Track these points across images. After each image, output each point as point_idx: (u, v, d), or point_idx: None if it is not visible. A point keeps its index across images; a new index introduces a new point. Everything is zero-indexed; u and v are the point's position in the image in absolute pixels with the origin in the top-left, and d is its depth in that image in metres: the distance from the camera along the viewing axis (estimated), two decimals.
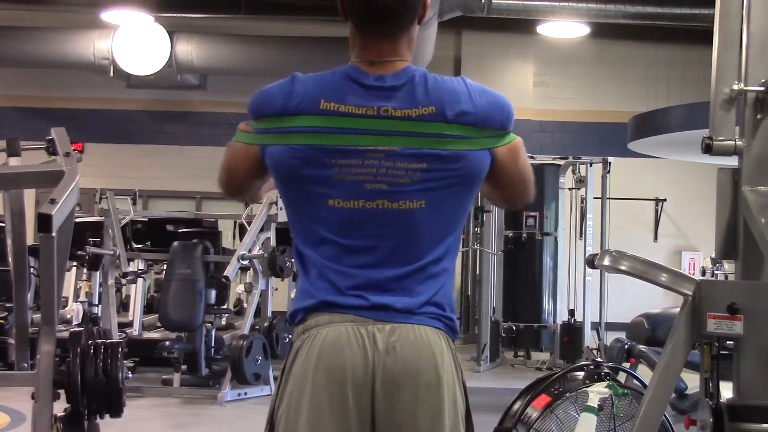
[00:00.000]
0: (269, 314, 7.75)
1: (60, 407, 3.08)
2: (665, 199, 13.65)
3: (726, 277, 10.50)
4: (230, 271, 7.24)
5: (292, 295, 8.53)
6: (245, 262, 7.50)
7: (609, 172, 9.67)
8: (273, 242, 7.70)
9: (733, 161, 2.49)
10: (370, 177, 1.88)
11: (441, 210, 1.91)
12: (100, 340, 3.16)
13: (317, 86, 1.91)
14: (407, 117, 1.89)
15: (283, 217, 7.63)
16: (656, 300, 11.95)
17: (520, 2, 10.73)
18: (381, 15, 1.93)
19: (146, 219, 9.28)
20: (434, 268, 1.93)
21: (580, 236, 9.92)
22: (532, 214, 9.76)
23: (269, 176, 2.02)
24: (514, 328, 9.76)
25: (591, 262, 2.65)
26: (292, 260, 7.46)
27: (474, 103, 1.92)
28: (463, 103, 1.91)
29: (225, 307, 8.27)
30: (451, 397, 1.90)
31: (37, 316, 3.99)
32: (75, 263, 8.22)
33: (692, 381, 3.51)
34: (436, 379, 1.87)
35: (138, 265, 8.41)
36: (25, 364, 3.58)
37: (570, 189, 10.20)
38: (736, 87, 2.44)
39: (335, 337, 1.86)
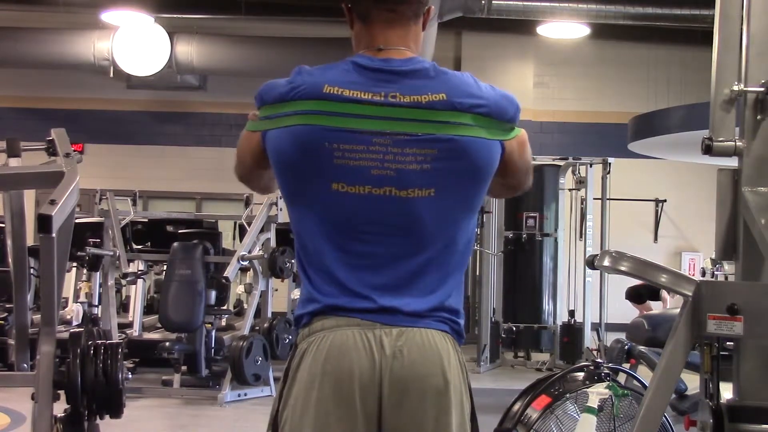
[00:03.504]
0: (269, 315, 7.75)
1: (60, 408, 3.08)
2: (665, 200, 13.65)
3: (726, 278, 10.50)
4: (230, 271, 7.25)
5: (293, 296, 8.58)
6: (245, 263, 7.50)
7: (609, 172, 9.67)
8: (273, 243, 7.70)
9: (733, 162, 2.49)
10: (377, 163, 1.85)
11: (449, 201, 1.89)
12: (100, 341, 3.16)
13: (322, 74, 1.90)
14: (416, 103, 1.87)
15: (283, 217, 7.64)
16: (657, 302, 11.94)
17: (520, 3, 10.74)
18: None
19: (146, 220, 9.27)
20: (444, 269, 1.90)
21: (581, 237, 9.92)
22: (532, 214, 9.76)
23: None
24: (514, 328, 9.76)
25: (591, 262, 2.65)
26: (292, 261, 7.46)
27: (485, 96, 1.92)
28: (474, 95, 1.90)
29: (225, 307, 8.25)
30: (458, 400, 1.89)
31: (37, 317, 4.00)
32: (75, 264, 8.21)
33: (692, 382, 3.51)
34: (443, 383, 1.86)
35: (138, 265, 8.40)
36: (25, 365, 3.58)
37: (570, 190, 10.20)
38: (736, 88, 2.44)
39: (342, 341, 1.85)
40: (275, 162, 1.93)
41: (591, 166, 9.72)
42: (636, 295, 11.03)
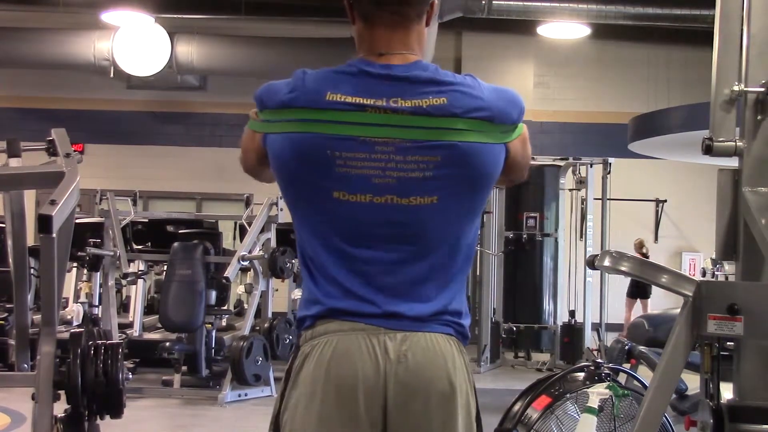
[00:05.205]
0: (269, 315, 7.76)
1: (60, 408, 3.08)
2: (665, 200, 13.66)
3: (726, 278, 10.51)
4: (231, 272, 7.25)
5: (293, 296, 8.58)
6: (246, 263, 7.50)
7: (609, 173, 9.68)
8: (273, 243, 7.70)
9: (733, 162, 2.49)
10: (378, 171, 1.82)
11: (453, 208, 1.86)
12: (100, 341, 3.16)
13: (324, 79, 1.85)
14: (418, 108, 1.82)
15: (283, 218, 7.64)
16: (656, 301, 11.96)
17: (521, 3, 10.74)
18: None
19: (146, 220, 9.27)
20: (447, 273, 1.88)
21: (581, 237, 9.92)
22: (533, 215, 9.76)
23: None
24: (515, 329, 9.77)
25: (591, 263, 2.65)
26: (293, 261, 7.47)
27: (486, 100, 1.86)
28: (475, 98, 1.85)
29: (225, 308, 8.26)
30: (465, 403, 1.88)
31: (38, 317, 3.99)
32: (75, 264, 8.22)
33: (693, 382, 3.51)
34: (449, 387, 1.84)
35: (138, 266, 8.41)
36: (26, 365, 3.58)
37: (570, 190, 10.20)
38: (736, 88, 2.44)
39: (346, 347, 1.83)
40: (275, 167, 1.90)
41: (591, 166, 9.72)
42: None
